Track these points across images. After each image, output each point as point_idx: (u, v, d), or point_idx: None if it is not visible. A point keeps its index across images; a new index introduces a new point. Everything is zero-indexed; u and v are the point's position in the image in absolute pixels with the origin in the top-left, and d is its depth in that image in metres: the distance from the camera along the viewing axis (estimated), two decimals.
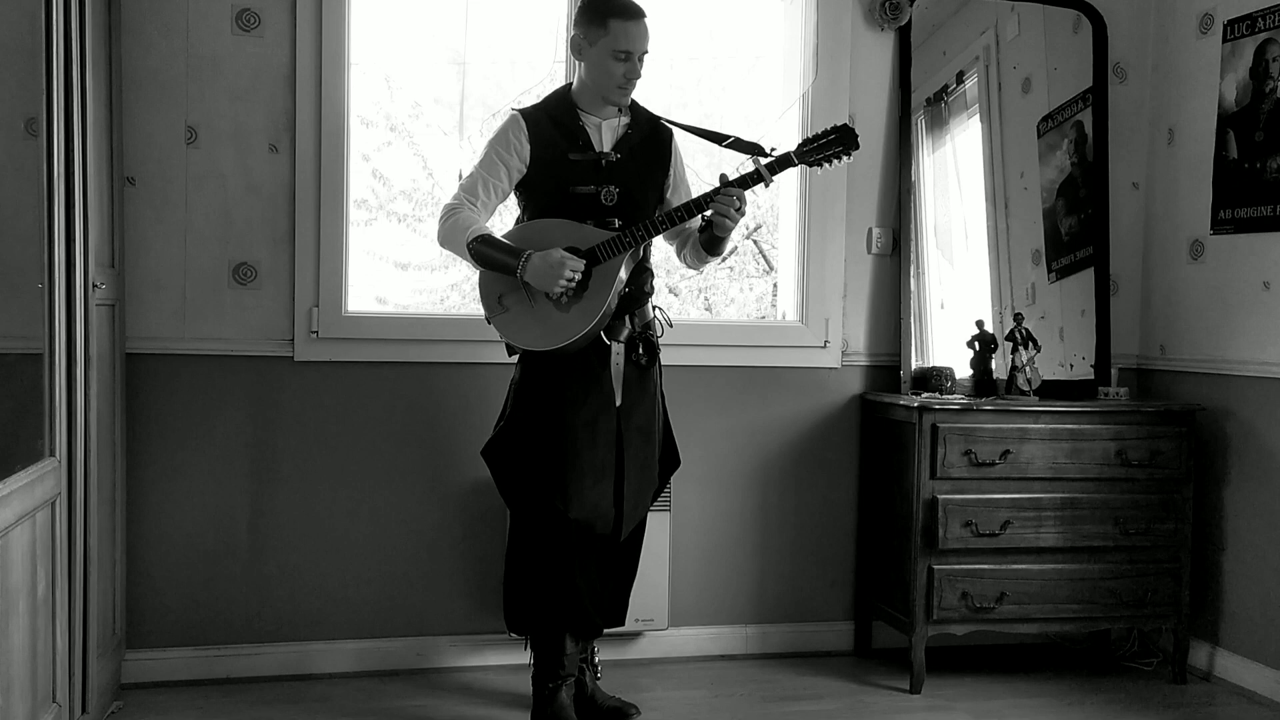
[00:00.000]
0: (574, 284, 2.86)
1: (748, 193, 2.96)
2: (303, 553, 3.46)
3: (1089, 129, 3.91)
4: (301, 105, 3.38)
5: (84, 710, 2.74)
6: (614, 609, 3.15)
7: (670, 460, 3.19)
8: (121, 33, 3.20)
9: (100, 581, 2.90)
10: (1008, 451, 3.45)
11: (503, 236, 3.00)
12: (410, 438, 3.51)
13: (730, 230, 2.97)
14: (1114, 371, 3.87)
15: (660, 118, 3.15)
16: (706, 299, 5.63)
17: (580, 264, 2.86)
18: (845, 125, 3.03)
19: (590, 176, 2.99)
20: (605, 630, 3.14)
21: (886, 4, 3.71)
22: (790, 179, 3.83)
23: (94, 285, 2.78)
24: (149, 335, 3.33)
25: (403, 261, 4.85)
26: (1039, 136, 3.91)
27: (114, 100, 3.12)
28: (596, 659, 3.23)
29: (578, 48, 3.00)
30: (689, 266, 3.25)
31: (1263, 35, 3.49)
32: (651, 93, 3.41)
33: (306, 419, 3.45)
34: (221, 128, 3.36)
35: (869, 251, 3.81)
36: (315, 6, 3.37)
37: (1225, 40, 3.63)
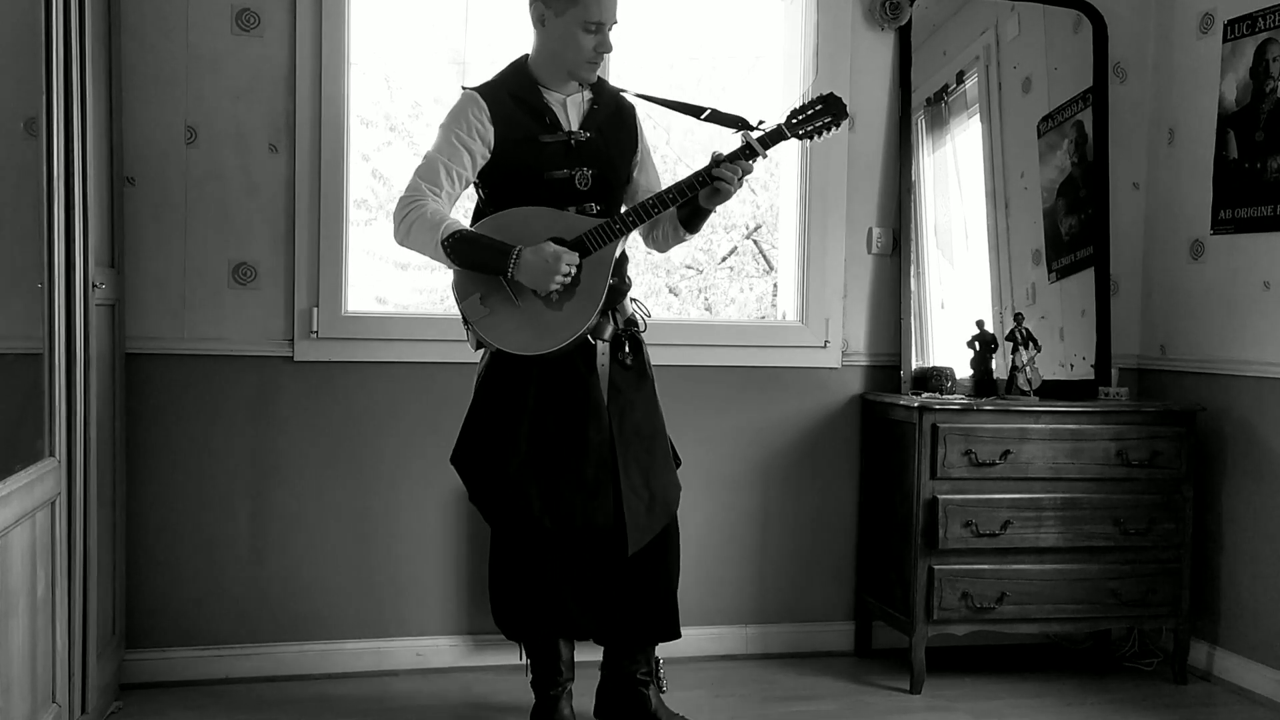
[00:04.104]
0: (569, 280, 2.68)
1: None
2: (302, 552, 3.46)
3: (1089, 129, 3.91)
4: (301, 105, 3.38)
5: (84, 710, 2.74)
6: (658, 621, 2.90)
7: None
8: (121, 33, 3.20)
9: (100, 581, 2.90)
10: (1008, 451, 3.45)
11: (477, 227, 2.78)
12: (410, 437, 3.51)
13: (724, 200, 2.79)
14: (1114, 371, 3.88)
15: (627, 91, 2.94)
16: (706, 299, 5.63)
17: (575, 258, 2.67)
18: (832, 94, 2.85)
19: (561, 159, 2.77)
20: (661, 642, 2.97)
21: (886, 4, 3.71)
22: (790, 179, 3.83)
23: (94, 285, 2.78)
24: (149, 335, 3.33)
25: (403, 261, 4.86)
26: (1039, 136, 3.91)
27: (114, 100, 3.12)
28: (661, 670, 3.06)
29: (540, 18, 2.76)
30: (656, 248, 3.04)
31: (1263, 35, 3.49)
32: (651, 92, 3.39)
33: (306, 419, 3.45)
34: (221, 128, 3.36)
35: (869, 251, 3.81)
36: (315, 6, 3.37)
37: (1225, 40, 3.63)
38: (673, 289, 5.56)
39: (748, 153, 2.76)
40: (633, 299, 2.96)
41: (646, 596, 2.89)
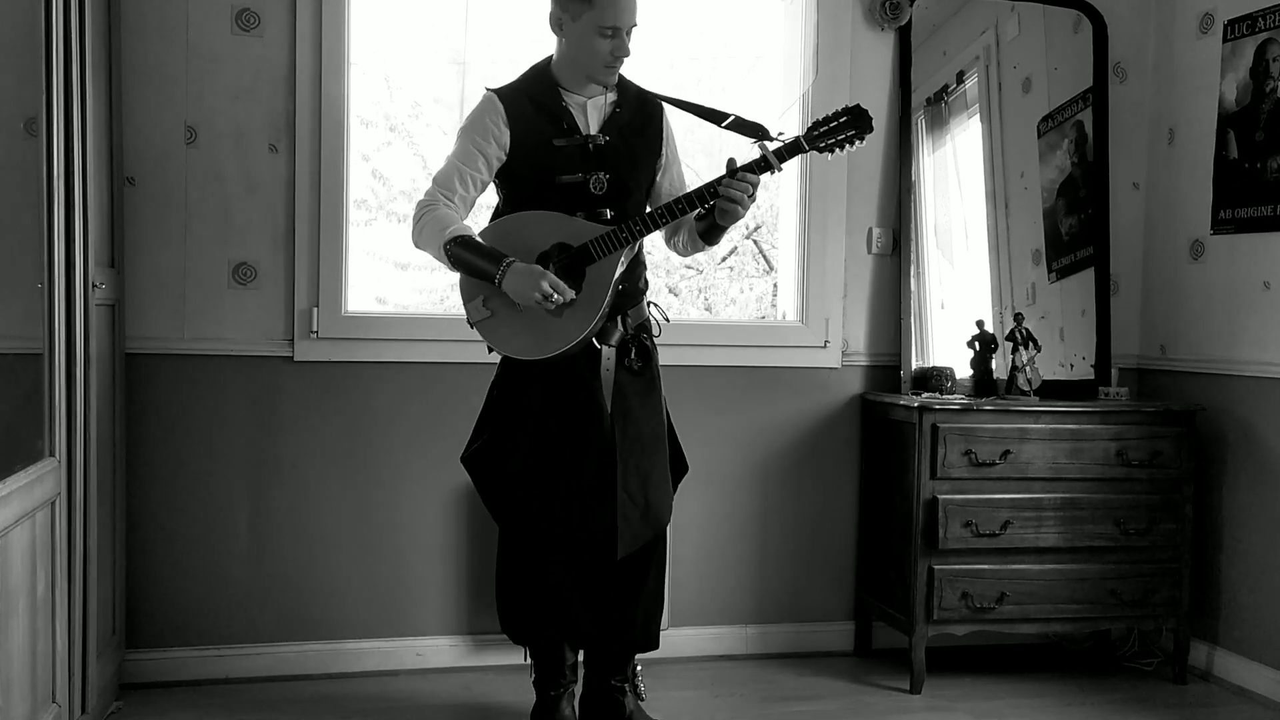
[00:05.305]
0: (551, 302, 2.63)
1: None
2: (302, 552, 3.46)
3: (1089, 129, 3.91)
4: (301, 105, 3.38)
5: (84, 710, 2.74)
6: (638, 632, 2.88)
7: (678, 467, 3.00)
8: (121, 32, 3.20)
9: (100, 581, 2.90)
10: (1008, 451, 3.45)
11: (484, 231, 2.79)
12: (410, 437, 3.51)
13: (738, 220, 2.74)
14: (1114, 371, 3.88)
15: (651, 92, 2.89)
16: (706, 299, 5.63)
17: (569, 292, 2.66)
18: (858, 106, 2.75)
19: (577, 164, 2.75)
20: (639, 653, 2.97)
21: (886, 4, 3.71)
22: (790, 179, 3.83)
23: (94, 285, 2.78)
24: (149, 335, 3.33)
25: (403, 261, 4.86)
26: (1039, 136, 3.91)
27: (114, 100, 3.12)
28: (639, 679, 3.07)
29: (557, 22, 2.74)
30: (678, 253, 3.03)
31: (1263, 35, 3.49)
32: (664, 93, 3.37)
33: (306, 419, 3.45)
34: (221, 128, 3.36)
35: (869, 251, 3.81)
36: (315, 6, 3.37)
37: (1225, 40, 3.63)
38: (673, 289, 5.56)
39: (762, 165, 2.70)
40: (653, 303, 2.94)
41: (629, 607, 2.87)
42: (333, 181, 3.41)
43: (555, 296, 2.63)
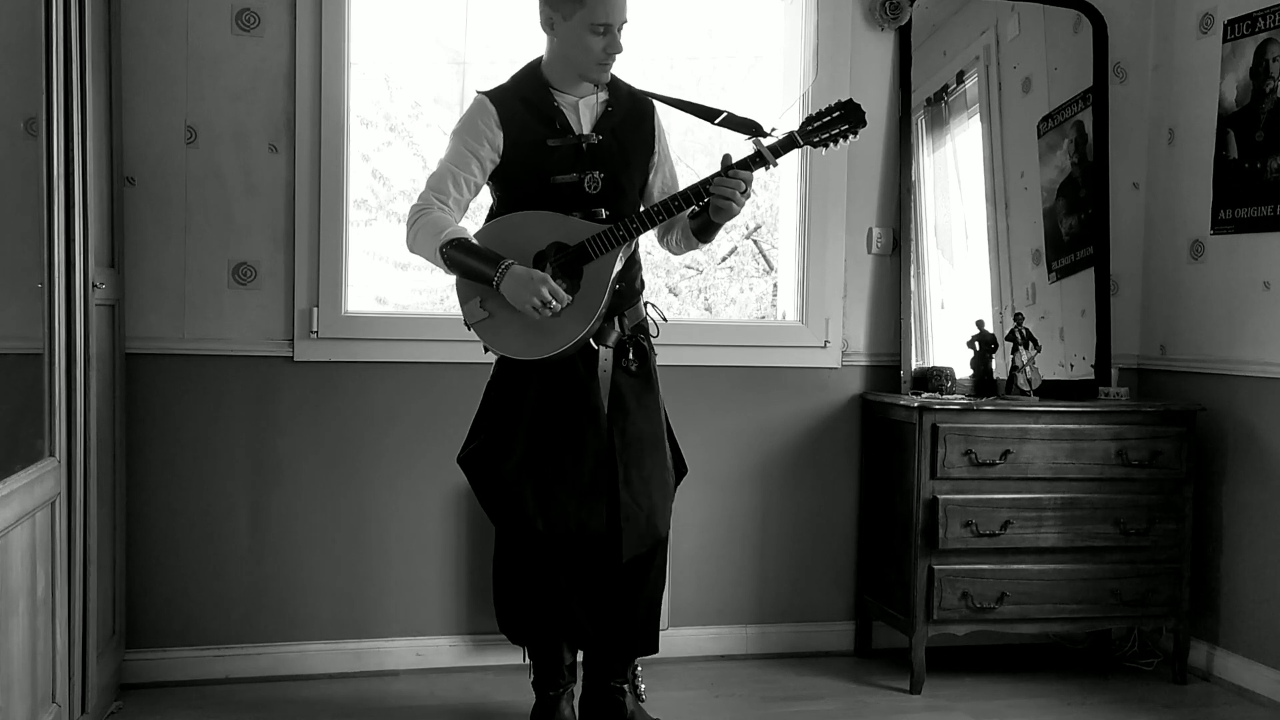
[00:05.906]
0: (549, 308, 2.63)
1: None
2: (302, 552, 3.47)
3: (1089, 129, 3.91)
4: (301, 105, 3.38)
5: (84, 710, 2.74)
6: (638, 634, 2.88)
7: (677, 468, 3.00)
8: (121, 33, 3.21)
9: (100, 581, 2.90)
10: (1008, 451, 3.45)
11: (479, 232, 2.79)
12: (410, 438, 3.51)
13: (732, 217, 2.74)
14: (1114, 371, 3.88)
15: (642, 91, 2.90)
16: (706, 299, 5.64)
17: (566, 298, 2.66)
18: (850, 100, 2.77)
19: (571, 163, 2.75)
20: (639, 656, 2.97)
21: (886, 4, 3.71)
22: (790, 180, 3.83)
23: (94, 285, 2.78)
24: (149, 335, 3.33)
25: (403, 261, 4.87)
26: (1039, 136, 3.91)
27: (114, 100, 3.13)
28: (639, 680, 3.09)
29: (548, 22, 2.73)
30: (672, 252, 3.04)
31: (1263, 35, 3.49)
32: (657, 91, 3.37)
33: (306, 419, 3.45)
34: (221, 128, 3.36)
35: (869, 251, 3.81)
36: (315, 6, 3.37)
37: (1225, 40, 3.63)
38: (673, 289, 5.57)
39: (757, 161, 2.70)
40: (650, 304, 2.95)
41: (629, 609, 2.87)
42: (333, 181, 3.41)
43: (553, 303, 2.63)
